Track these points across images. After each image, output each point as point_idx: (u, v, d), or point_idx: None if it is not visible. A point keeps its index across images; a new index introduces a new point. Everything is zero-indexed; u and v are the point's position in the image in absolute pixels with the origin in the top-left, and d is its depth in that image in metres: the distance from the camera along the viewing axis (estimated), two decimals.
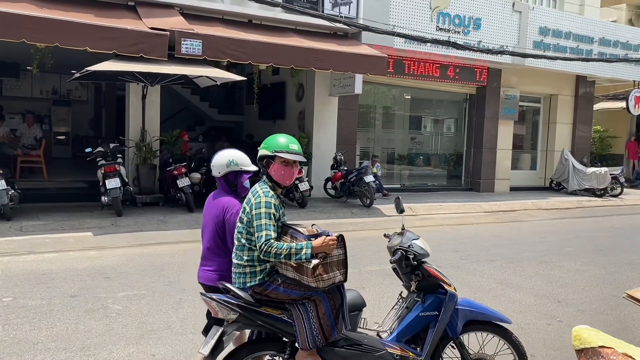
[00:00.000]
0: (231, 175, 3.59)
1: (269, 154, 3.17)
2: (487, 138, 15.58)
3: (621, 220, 12.28)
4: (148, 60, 9.07)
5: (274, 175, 3.18)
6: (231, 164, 3.57)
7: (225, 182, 3.61)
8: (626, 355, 2.02)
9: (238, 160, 3.59)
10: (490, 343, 3.62)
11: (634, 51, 16.28)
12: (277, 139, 3.21)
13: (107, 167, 9.44)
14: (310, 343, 3.00)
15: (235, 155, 3.62)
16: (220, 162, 3.59)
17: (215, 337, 2.97)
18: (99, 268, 6.64)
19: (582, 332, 2.24)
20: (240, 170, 3.59)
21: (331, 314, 3.06)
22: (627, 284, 6.80)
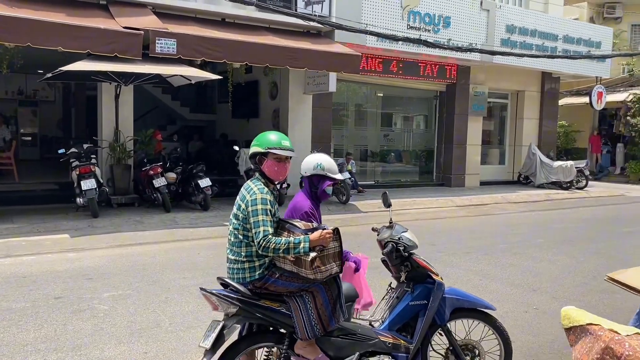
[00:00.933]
0: (315, 178, 3.66)
1: (262, 151, 3.25)
2: (457, 134, 15.93)
3: (587, 212, 12.74)
4: (122, 60, 9.01)
5: (268, 171, 3.27)
6: (317, 167, 3.65)
7: (309, 183, 3.69)
8: (612, 331, 2.19)
9: (325, 165, 3.66)
10: (476, 329, 3.79)
11: (596, 48, 16.85)
12: (269, 136, 3.30)
13: (82, 168, 9.34)
14: (309, 333, 3.10)
15: (325, 160, 3.70)
16: (309, 163, 3.68)
17: (216, 330, 3.04)
18: (79, 269, 6.60)
19: (571, 311, 2.40)
20: (325, 175, 3.65)
21: (329, 305, 3.17)
22: (597, 271, 7.12)
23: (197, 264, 6.99)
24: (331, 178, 3.68)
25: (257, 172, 3.32)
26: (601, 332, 2.20)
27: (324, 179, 3.67)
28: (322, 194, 3.70)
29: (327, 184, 3.67)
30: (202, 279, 6.27)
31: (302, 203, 3.62)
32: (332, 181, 3.69)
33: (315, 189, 3.69)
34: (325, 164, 3.68)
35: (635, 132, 19.59)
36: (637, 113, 19.47)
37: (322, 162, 3.67)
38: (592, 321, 2.28)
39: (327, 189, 3.70)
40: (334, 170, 3.71)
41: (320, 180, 3.67)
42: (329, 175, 3.67)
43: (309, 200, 3.65)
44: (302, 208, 3.58)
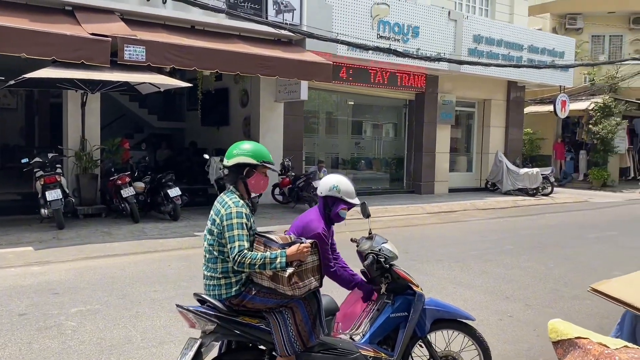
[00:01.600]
0: (330, 199, 3.57)
1: (255, 163, 3.16)
2: (426, 142, 16.09)
3: (554, 218, 13.00)
4: (89, 67, 8.79)
5: (253, 184, 3.19)
6: (333, 189, 3.56)
7: (323, 204, 3.60)
8: (601, 344, 2.19)
9: (341, 187, 3.57)
10: (456, 340, 3.78)
11: (559, 58, 17.29)
12: (264, 149, 3.22)
13: (47, 178, 9.06)
14: (288, 350, 3.03)
15: (342, 182, 3.60)
16: (326, 183, 3.61)
17: (193, 348, 2.94)
18: (45, 284, 6.36)
19: (558, 325, 2.40)
20: (340, 198, 3.56)
21: (308, 320, 3.11)
22: (567, 278, 7.24)
23: (168, 276, 6.83)
24: (346, 202, 3.58)
25: (232, 184, 3.21)
26: (590, 345, 2.20)
27: (338, 202, 3.57)
28: (336, 217, 3.60)
29: (342, 207, 3.57)
30: (174, 292, 6.13)
31: (315, 223, 3.50)
32: (346, 205, 3.59)
33: (329, 211, 3.59)
34: (342, 186, 3.58)
35: (597, 139, 20.14)
36: (599, 121, 20.03)
37: (339, 185, 3.58)
38: (581, 334, 2.28)
39: (342, 213, 3.59)
40: (351, 194, 3.60)
41: (335, 203, 3.57)
42: (344, 198, 3.57)
43: (323, 221, 3.54)
44: (316, 229, 3.46)
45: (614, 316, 5.74)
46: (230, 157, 3.19)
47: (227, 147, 11.90)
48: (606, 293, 2.82)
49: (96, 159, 10.74)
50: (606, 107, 20.05)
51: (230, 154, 3.20)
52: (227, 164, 3.20)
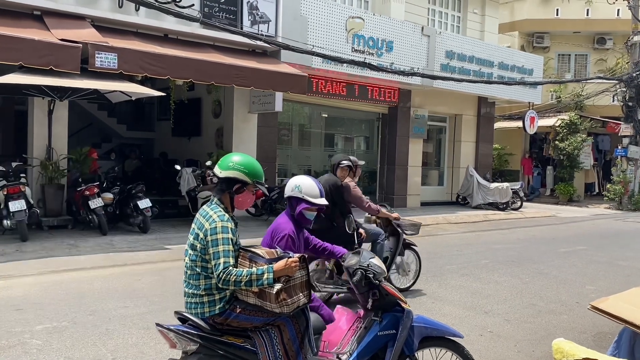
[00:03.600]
0: (294, 200, 3.54)
1: (247, 181, 3.04)
2: (399, 155, 16.14)
3: (524, 232, 13.15)
4: (58, 74, 8.51)
5: (240, 201, 3.08)
6: (295, 189, 3.53)
7: (289, 206, 3.59)
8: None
9: (304, 188, 3.53)
10: (443, 359, 3.69)
11: (528, 75, 17.65)
12: (258, 168, 3.12)
13: (10, 188, 8.70)
14: None
15: (305, 182, 3.56)
16: (290, 184, 3.61)
17: None
18: (7, 299, 6.04)
19: (563, 345, 2.32)
20: (302, 198, 3.50)
21: (296, 339, 2.98)
22: (542, 292, 7.27)
23: (139, 291, 6.58)
24: (309, 202, 3.52)
25: (218, 196, 3.08)
26: None
27: (301, 202, 3.53)
28: (300, 218, 3.55)
29: (303, 206, 3.53)
30: (145, 308, 5.89)
31: (283, 225, 3.46)
32: (309, 205, 3.53)
33: (293, 212, 3.57)
34: (304, 186, 3.55)
35: (564, 155, 20.58)
36: (565, 137, 20.48)
37: (301, 185, 3.55)
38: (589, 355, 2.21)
39: (307, 214, 3.55)
40: (314, 194, 3.54)
41: (298, 203, 3.53)
42: (306, 198, 3.52)
43: (291, 223, 3.49)
44: (283, 230, 3.42)
45: (592, 331, 5.80)
46: (223, 168, 3.05)
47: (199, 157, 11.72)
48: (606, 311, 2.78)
49: (63, 169, 10.38)
50: (572, 123, 20.53)
51: (224, 165, 3.06)
52: (218, 174, 3.06)
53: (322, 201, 3.56)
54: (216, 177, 3.09)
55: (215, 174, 3.10)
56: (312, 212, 3.58)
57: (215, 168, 3.11)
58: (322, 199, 3.57)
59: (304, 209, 3.54)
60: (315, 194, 3.56)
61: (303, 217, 3.56)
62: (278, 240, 3.42)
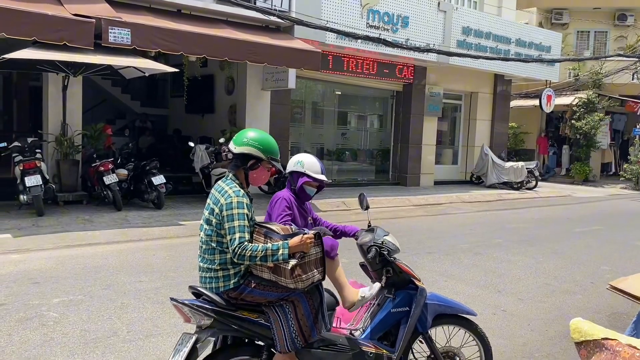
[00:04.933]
0: (295, 175, 3.59)
1: (262, 157, 3.02)
2: (413, 134, 16.00)
3: (539, 212, 13.04)
4: (72, 49, 8.48)
5: (255, 177, 3.06)
6: (297, 165, 3.59)
7: (289, 182, 3.66)
8: (631, 346, 2.09)
9: (306, 164, 3.60)
10: (456, 336, 3.68)
11: (546, 52, 17.31)
12: (273, 144, 3.09)
13: (26, 163, 8.76)
14: (289, 346, 2.89)
15: (307, 158, 3.64)
16: (292, 160, 3.68)
17: (188, 345, 2.79)
18: (25, 272, 6.13)
19: (581, 324, 2.28)
20: (303, 172, 3.55)
21: (310, 315, 2.97)
22: (557, 271, 7.22)
23: (154, 266, 6.64)
24: (310, 176, 3.56)
25: (233, 172, 3.06)
26: (619, 347, 2.10)
27: (301, 176, 3.57)
28: (301, 192, 3.61)
29: (304, 180, 3.57)
30: (160, 283, 5.95)
31: (281, 193, 3.58)
32: (309, 179, 3.57)
33: (294, 187, 3.61)
34: (306, 162, 3.60)
35: (580, 134, 20.28)
36: (582, 116, 20.16)
37: (303, 160, 3.61)
38: (608, 336, 2.17)
39: (307, 189, 3.61)
40: (315, 170, 3.59)
41: (299, 177, 3.57)
42: (307, 172, 3.56)
43: (290, 194, 3.59)
44: (280, 196, 3.54)
45: (606, 311, 5.75)
46: (238, 144, 3.03)
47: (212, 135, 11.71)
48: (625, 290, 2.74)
49: (77, 145, 10.43)
50: (590, 102, 20.18)
51: (239, 141, 3.04)
52: (233, 150, 3.04)
53: (323, 177, 3.62)
54: (231, 152, 3.06)
55: (230, 149, 3.07)
56: (312, 188, 3.63)
57: (230, 144, 3.08)
58: (323, 175, 3.63)
59: (305, 182, 3.58)
60: (317, 169, 3.61)
61: (303, 192, 3.60)
62: (273, 204, 3.52)
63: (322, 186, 3.69)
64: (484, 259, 7.73)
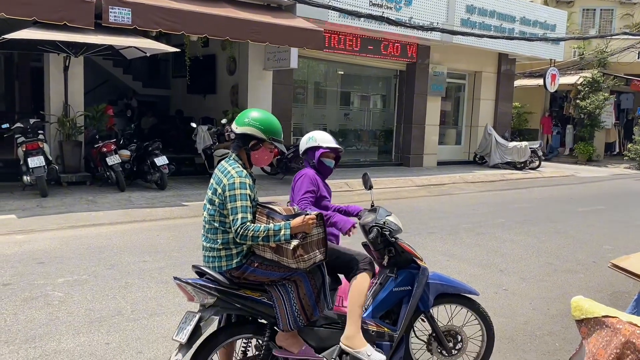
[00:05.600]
0: (310, 152, 3.65)
1: (263, 138, 3.01)
2: (416, 114, 15.92)
3: (542, 192, 13.03)
4: (72, 29, 8.43)
5: (256, 157, 3.06)
6: (310, 140, 3.66)
7: (307, 160, 3.69)
8: (632, 324, 2.10)
9: (318, 137, 3.68)
10: (458, 315, 3.70)
11: (551, 31, 17.12)
12: (276, 124, 3.07)
13: (29, 144, 8.77)
14: (291, 324, 2.92)
15: (317, 134, 3.71)
16: (304, 139, 3.74)
17: (192, 323, 2.81)
18: (30, 253, 6.17)
19: (582, 302, 2.29)
20: (318, 145, 3.62)
21: (312, 294, 2.99)
22: (559, 251, 7.24)
23: (157, 246, 6.68)
24: (325, 147, 3.63)
25: (236, 152, 3.05)
26: (620, 325, 2.11)
27: (317, 149, 3.63)
28: (321, 166, 3.66)
29: (321, 151, 3.63)
30: (164, 262, 5.99)
31: (305, 170, 3.61)
32: (326, 150, 3.63)
33: (313, 163, 3.66)
34: (317, 136, 3.68)
35: (584, 114, 20.15)
36: (587, 96, 20.01)
37: (314, 135, 3.69)
38: (609, 313, 2.18)
39: (326, 161, 3.67)
40: (328, 140, 3.68)
41: (316, 151, 3.63)
42: (321, 144, 3.63)
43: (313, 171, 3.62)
44: (305, 173, 3.57)
45: (608, 290, 5.78)
46: (240, 124, 3.02)
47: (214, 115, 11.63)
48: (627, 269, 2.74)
49: (80, 126, 10.43)
50: (595, 81, 20.01)
51: (240, 121, 3.03)
52: (235, 130, 3.03)
53: (336, 144, 3.69)
54: (233, 133, 3.06)
55: (232, 129, 3.07)
56: (330, 159, 3.69)
57: (233, 124, 3.08)
58: (336, 144, 3.69)
59: (322, 154, 3.63)
60: (330, 139, 3.69)
61: (323, 165, 3.66)
62: (296, 181, 3.55)
63: (339, 156, 3.77)
64: (486, 239, 7.75)
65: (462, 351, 3.63)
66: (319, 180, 3.61)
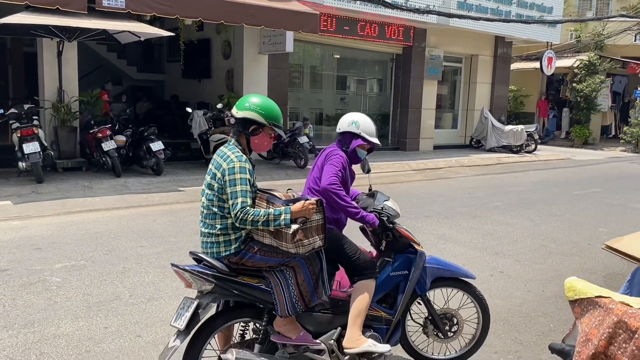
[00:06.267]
0: (348, 136, 3.46)
1: (263, 123, 2.99)
2: (412, 98, 15.88)
3: (538, 175, 13.07)
4: (65, 13, 8.34)
5: (256, 143, 3.04)
6: (352, 125, 3.44)
7: (341, 140, 3.50)
8: (624, 304, 2.12)
9: (361, 124, 3.45)
10: (454, 298, 3.73)
11: (547, 13, 17.03)
12: (276, 109, 3.05)
13: (23, 130, 8.73)
14: (289, 310, 2.93)
15: (363, 119, 3.48)
16: (346, 119, 3.50)
17: (190, 310, 2.81)
18: (26, 239, 6.18)
19: (576, 283, 2.32)
20: (358, 134, 3.42)
21: (311, 280, 3.00)
22: (554, 234, 7.29)
23: (154, 232, 6.69)
24: (364, 138, 3.44)
25: (236, 137, 3.03)
26: (612, 305, 2.13)
27: (356, 138, 3.44)
28: (353, 155, 3.48)
29: (358, 142, 3.45)
30: (161, 247, 6.00)
31: (340, 152, 3.39)
32: (364, 142, 3.45)
33: (346, 148, 3.47)
34: (362, 122, 3.46)
35: (581, 97, 20.14)
36: (583, 79, 19.98)
37: (358, 121, 3.46)
38: (601, 293, 2.21)
39: (360, 152, 3.49)
40: (371, 132, 3.47)
41: (353, 139, 3.45)
42: (363, 135, 3.44)
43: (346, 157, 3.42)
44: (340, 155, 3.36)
45: (602, 272, 5.82)
46: (240, 109, 3.01)
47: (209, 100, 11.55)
48: (621, 250, 2.77)
49: (75, 111, 10.36)
50: (591, 64, 19.97)
51: (241, 106, 3.02)
52: (235, 114, 3.02)
53: (377, 141, 3.51)
54: (233, 117, 3.05)
55: (232, 114, 3.06)
56: (364, 151, 3.51)
57: (233, 108, 3.07)
58: (376, 139, 3.51)
59: (358, 145, 3.46)
60: (372, 131, 3.50)
61: (355, 154, 3.49)
62: (327, 156, 3.36)
63: (372, 149, 3.57)
64: (482, 222, 7.78)
65: (458, 333, 3.66)
66: (348, 166, 3.43)
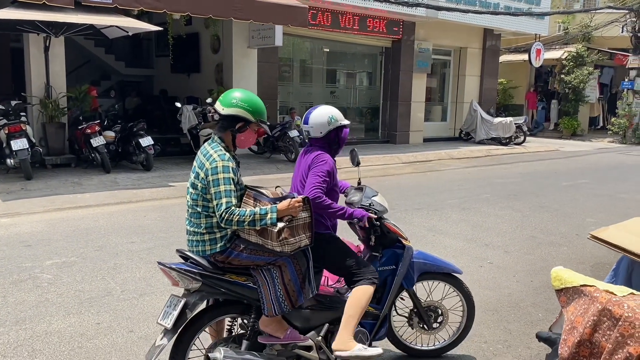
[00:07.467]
0: (332, 133, 3.35)
1: (250, 120, 2.97)
2: (402, 91, 15.91)
3: (527, 167, 13.17)
4: (52, 8, 8.28)
5: (242, 140, 3.00)
6: (332, 121, 3.33)
7: (326, 142, 3.35)
8: (608, 292, 2.17)
9: (336, 115, 3.36)
10: (437, 288, 3.76)
11: (535, 6, 17.10)
12: (262, 105, 3.02)
13: (11, 126, 8.66)
14: (276, 309, 2.92)
15: (332, 111, 3.38)
16: (320, 121, 3.32)
17: (177, 308, 2.81)
18: (16, 236, 6.16)
19: (562, 272, 2.37)
20: (341, 125, 3.37)
21: (297, 279, 2.99)
22: (543, 225, 7.36)
23: (144, 227, 6.69)
24: (346, 125, 3.42)
25: (220, 134, 2.98)
26: (597, 293, 2.18)
27: (341, 129, 3.39)
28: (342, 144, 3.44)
29: (347, 131, 3.42)
30: (152, 243, 6.00)
31: (327, 156, 3.28)
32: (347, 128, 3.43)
33: (335, 145, 3.40)
34: (335, 114, 3.38)
35: (569, 89, 20.28)
36: (571, 71, 20.11)
37: (333, 114, 3.37)
38: (586, 282, 2.25)
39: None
40: (342, 116, 3.45)
41: (338, 132, 3.37)
42: (342, 123, 3.39)
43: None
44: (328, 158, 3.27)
45: (590, 262, 5.90)
46: (226, 105, 2.94)
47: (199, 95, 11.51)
48: (606, 240, 2.82)
49: (63, 107, 10.29)
50: (579, 56, 20.10)
51: (227, 102, 2.95)
52: (221, 111, 2.95)
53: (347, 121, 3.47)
54: (218, 114, 2.98)
55: (217, 110, 2.99)
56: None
57: (217, 104, 2.99)
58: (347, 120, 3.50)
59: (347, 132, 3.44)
60: (342, 115, 3.47)
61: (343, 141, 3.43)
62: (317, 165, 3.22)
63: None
64: (471, 214, 7.85)
65: (443, 324, 3.70)
66: (335, 170, 3.36)
